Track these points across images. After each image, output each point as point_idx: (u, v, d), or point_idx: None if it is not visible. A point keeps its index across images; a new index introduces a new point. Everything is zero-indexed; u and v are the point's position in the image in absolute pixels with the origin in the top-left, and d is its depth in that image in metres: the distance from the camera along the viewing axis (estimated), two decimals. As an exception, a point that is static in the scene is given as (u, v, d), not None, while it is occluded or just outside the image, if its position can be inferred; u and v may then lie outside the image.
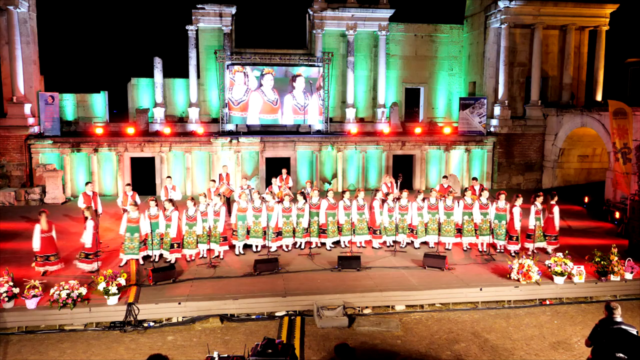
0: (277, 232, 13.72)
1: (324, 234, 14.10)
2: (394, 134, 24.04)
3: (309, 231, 14.00)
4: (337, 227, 14.19)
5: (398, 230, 14.18)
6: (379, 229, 14.27)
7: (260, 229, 13.52)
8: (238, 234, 13.51)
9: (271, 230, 13.62)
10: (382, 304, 11.15)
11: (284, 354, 6.36)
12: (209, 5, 23.26)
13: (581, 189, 22.24)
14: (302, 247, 14.13)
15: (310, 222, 13.94)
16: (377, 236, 14.33)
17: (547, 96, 24.75)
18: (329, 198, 14.12)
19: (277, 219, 13.64)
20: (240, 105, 23.54)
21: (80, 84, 24.64)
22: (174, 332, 10.05)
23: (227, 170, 17.76)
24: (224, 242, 13.31)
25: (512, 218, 13.56)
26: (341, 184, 22.79)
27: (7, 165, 20.70)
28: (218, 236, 13.10)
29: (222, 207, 13.48)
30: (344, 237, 14.17)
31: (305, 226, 13.94)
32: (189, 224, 12.79)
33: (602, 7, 23.71)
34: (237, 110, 23.54)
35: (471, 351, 9.34)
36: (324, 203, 13.98)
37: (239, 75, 23.28)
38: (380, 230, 14.28)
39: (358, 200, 14.09)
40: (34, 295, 10.03)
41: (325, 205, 13.96)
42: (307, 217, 13.86)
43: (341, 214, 13.97)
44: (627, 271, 12.01)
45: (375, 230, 14.30)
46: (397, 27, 25.91)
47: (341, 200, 14.11)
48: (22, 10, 20.76)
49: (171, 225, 12.66)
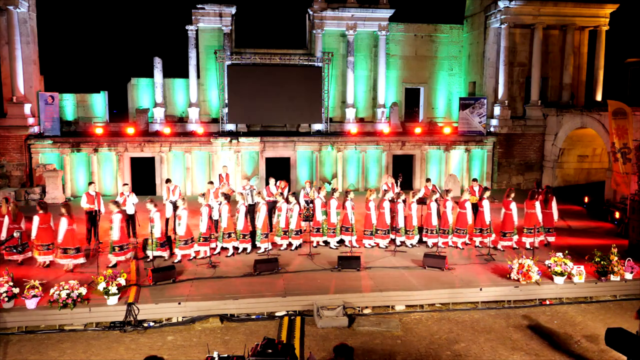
0: (265, 234, 13.72)
1: (333, 233, 14.19)
2: (394, 134, 24.04)
3: (321, 230, 14.23)
4: (341, 227, 14.30)
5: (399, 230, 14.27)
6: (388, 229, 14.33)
7: (281, 228, 13.77)
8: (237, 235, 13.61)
9: (259, 231, 13.73)
10: (382, 304, 11.15)
11: (284, 354, 6.35)
12: (209, 5, 23.26)
13: (581, 189, 22.25)
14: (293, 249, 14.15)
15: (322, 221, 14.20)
16: (384, 236, 14.35)
17: (547, 96, 24.75)
18: (320, 197, 14.27)
19: (264, 220, 13.69)
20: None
21: (80, 84, 24.63)
22: (174, 332, 10.05)
23: (227, 171, 17.74)
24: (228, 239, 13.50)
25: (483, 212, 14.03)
26: (341, 184, 22.78)
27: (7, 165, 20.71)
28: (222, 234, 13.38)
29: (226, 206, 13.51)
30: (345, 237, 14.26)
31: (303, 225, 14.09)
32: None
33: (602, 7, 23.71)
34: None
35: (471, 351, 9.34)
36: (333, 202, 14.07)
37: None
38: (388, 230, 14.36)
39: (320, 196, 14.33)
40: (34, 295, 10.04)
41: (335, 204, 14.06)
42: (320, 215, 14.10)
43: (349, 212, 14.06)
44: (627, 271, 12.02)
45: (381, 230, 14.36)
46: (397, 27, 25.92)
47: (348, 201, 14.15)
48: (22, 10, 20.76)
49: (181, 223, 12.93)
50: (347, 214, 13.91)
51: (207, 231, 13.03)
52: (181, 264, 12.70)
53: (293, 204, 13.97)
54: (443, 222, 14.13)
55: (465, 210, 14.18)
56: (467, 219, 14.16)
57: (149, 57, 23.61)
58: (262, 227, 13.63)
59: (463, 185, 22.80)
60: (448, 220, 14.10)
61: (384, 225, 14.15)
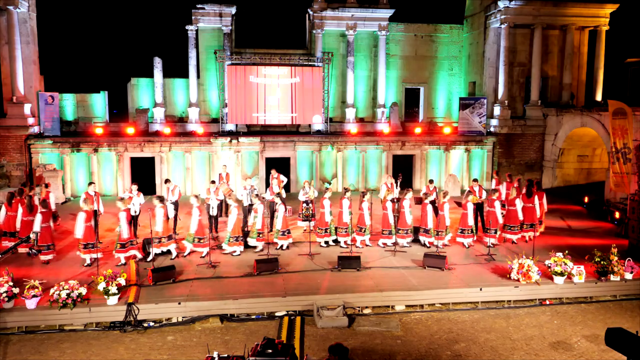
0: (260, 233, 13.75)
1: (346, 232, 14.24)
2: (394, 134, 24.04)
3: (329, 230, 14.36)
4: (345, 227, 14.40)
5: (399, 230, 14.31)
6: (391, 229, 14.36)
7: (256, 229, 13.72)
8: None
9: (255, 231, 13.79)
10: (382, 304, 11.14)
11: (284, 354, 6.35)
12: (209, 5, 23.26)
13: (581, 189, 22.25)
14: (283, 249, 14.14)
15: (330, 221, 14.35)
16: (405, 235, 14.42)
17: (547, 96, 24.75)
18: (327, 197, 14.37)
19: (262, 220, 13.71)
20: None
21: (80, 84, 24.65)
22: (174, 332, 10.05)
23: (227, 170, 17.75)
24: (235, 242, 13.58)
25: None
26: (341, 184, 22.78)
27: (7, 165, 20.71)
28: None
29: (235, 209, 13.53)
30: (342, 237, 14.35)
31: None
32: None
33: (602, 7, 23.71)
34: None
35: (471, 351, 9.34)
36: (345, 202, 14.13)
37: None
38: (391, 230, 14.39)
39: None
40: (34, 295, 10.04)
41: (348, 204, 14.13)
42: (328, 214, 14.24)
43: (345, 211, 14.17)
44: (627, 271, 12.02)
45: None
46: (397, 27, 25.91)
47: (344, 199, 14.26)
48: (22, 10, 20.76)
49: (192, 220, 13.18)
50: (364, 215, 14.10)
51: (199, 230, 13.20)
52: (181, 264, 12.69)
53: (278, 204, 14.09)
54: (440, 223, 14.12)
55: (467, 211, 14.16)
56: (469, 220, 14.17)
57: (149, 57, 23.62)
58: (261, 227, 13.64)
59: (463, 185, 22.80)
60: (444, 221, 14.08)
61: (405, 225, 14.22)
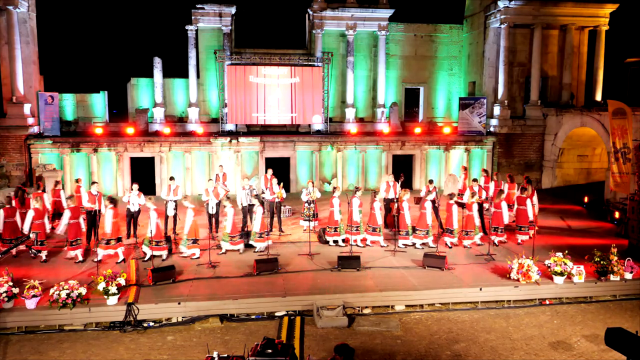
0: (260, 233, 13.73)
1: (357, 231, 14.27)
2: (394, 134, 24.04)
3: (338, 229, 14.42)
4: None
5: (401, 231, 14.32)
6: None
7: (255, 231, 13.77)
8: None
9: (255, 231, 13.79)
10: (382, 304, 11.15)
11: (284, 354, 6.35)
12: (209, 5, 23.25)
13: (581, 189, 22.24)
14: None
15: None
16: (423, 236, 14.40)
17: (547, 96, 24.74)
18: (336, 196, 14.45)
19: (261, 221, 13.69)
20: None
21: (80, 84, 24.61)
22: (174, 332, 10.05)
23: (224, 170, 17.65)
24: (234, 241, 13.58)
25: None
26: (341, 184, 22.78)
27: (6, 165, 20.68)
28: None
29: (231, 208, 13.52)
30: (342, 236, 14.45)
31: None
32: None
33: (602, 7, 23.70)
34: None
35: (471, 351, 9.34)
36: (355, 201, 14.16)
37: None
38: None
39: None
40: (34, 295, 10.04)
41: (357, 203, 14.16)
42: (337, 213, 14.28)
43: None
44: (627, 271, 12.02)
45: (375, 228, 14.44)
46: (396, 27, 25.90)
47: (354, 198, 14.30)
48: (21, 10, 20.74)
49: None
50: (375, 215, 14.17)
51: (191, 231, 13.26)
52: (180, 265, 12.69)
53: (256, 205, 13.96)
54: (469, 223, 14.07)
55: (472, 212, 14.14)
56: (474, 220, 14.16)
57: (148, 57, 23.60)
58: (261, 227, 13.62)
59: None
60: (473, 221, 14.09)
61: (424, 226, 14.21)
